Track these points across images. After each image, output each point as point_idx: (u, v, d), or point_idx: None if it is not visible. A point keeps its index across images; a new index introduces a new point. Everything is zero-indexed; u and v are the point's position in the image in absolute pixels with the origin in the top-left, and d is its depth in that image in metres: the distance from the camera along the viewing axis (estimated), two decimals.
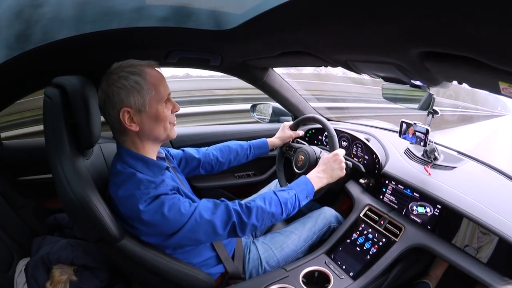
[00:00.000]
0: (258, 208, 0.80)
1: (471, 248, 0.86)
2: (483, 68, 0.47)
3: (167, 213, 0.72)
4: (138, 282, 0.97)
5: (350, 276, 0.94)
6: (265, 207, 0.80)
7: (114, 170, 0.78)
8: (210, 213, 0.76)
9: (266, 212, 0.81)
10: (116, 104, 0.72)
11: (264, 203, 0.81)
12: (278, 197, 0.84)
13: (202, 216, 0.75)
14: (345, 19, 0.54)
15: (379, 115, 3.89)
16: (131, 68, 0.73)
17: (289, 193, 0.86)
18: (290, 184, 0.92)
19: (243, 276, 0.97)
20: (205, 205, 0.78)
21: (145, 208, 0.71)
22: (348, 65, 0.84)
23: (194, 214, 0.75)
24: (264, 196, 0.84)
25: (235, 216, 0.77)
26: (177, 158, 1.06)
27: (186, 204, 0.75)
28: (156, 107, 0.75)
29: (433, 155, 1.09)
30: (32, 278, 0.89)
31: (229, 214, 0.77)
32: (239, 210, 0.78)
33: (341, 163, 0.97)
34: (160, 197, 0.73)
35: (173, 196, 0.75)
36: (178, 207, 0.74)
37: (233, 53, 1.04)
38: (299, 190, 0.88)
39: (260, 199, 0.82)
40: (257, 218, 0.79)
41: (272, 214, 0.82)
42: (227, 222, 0.77)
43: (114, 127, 0.77)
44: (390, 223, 1.03)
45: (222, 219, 0.76)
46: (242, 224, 0.78)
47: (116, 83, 0.72)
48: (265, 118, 1.62)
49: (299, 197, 0.87)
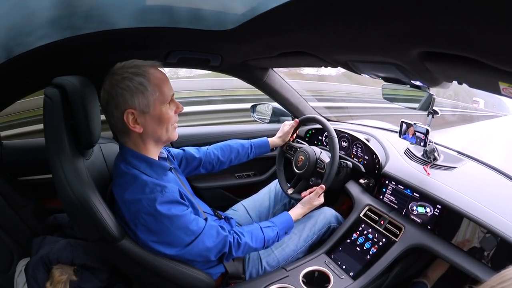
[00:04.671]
0: (246, 245, 0.88)
1: (471, 248, 0.86)
2: (483, 68, 0.47)
3: (174, 229, 0.75)
4: (138, 282, 0.97)
5: (350, 276, 0.94)
6: (251, 245, 0.89)
7: (118, 170, 0.78)
8: (211, 241, 0.81)
9: (251, 248, 0.90)
10: (120, 105, 0.72)
11: (251, 240, 0.89)
12: (264, 234, 0.92)
13: (203, 242, 0.79)
14: (345, 20, 0.54)
15: (379, 115, 3.89)
16: (135, 69, 0.73)
17: (273, 231, 0.95)
18: (274, 219, 1.00)
19: (243, 276, 0.97)
20: (210, 232, 0.81)
21: (151, 216, 0.72)
22: (348, 65, 0.84)
23: (198, 238, 0.78)
24: (252, 232, 0.91)
25: (227, 248, 0.84)
26: (178, 158, 1.05)
27: (194, 223, 0.78)
28: (160, 108, 0.75)
29: (433, 155, 1.09)
30: (32, 278, 0.89)
31: (224, 245, 0.83)
32: (232, 244, 0.85)
33: (320, 197, 1.07)
34: (169, 207, 0.73)
35: (184, 210, 0.76)
36: (186, 225, 0.76)
37: (233, 53, 1.04)
38: (281, 228, 0.97)
39: (248, 235, 0.90)
40: (242, 252, 0.89)
41: (255, 249, 0.92)
42: (220, 251, 0.84)
43: (117, 127, 0.77)
44: (390, 223, 1.03)
45: (217, 248, 0.83)
46: (229, 255, 0.86)
47: (120, 84, 0.71)
48: (265, 118, 1.62)
49: (280, 235, 0.96)
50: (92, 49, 0.86)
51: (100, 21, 0.74)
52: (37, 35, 0.74)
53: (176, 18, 0.77)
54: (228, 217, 1.04)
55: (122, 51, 0.91)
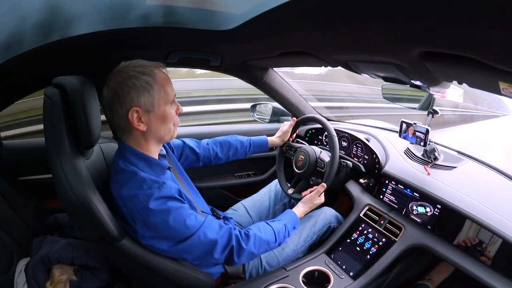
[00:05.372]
0: (256, 236, 0.84)
1: (471, 248, 0.86)
2: (483, 68, 0.47)
3: (171, 223, 0.73)
4: (138, 282, 0.97)
5: (350, 276, 0.94)
6: (261, 235, 0.85)
7: (116, 167, 0.78)
8: (214, 233, 0.78)
9: (263, 240, 0.85)
10: (125, 103, 0.72)
11: (259, 231, 0.86)
12: (271, 227, 0.89)
13: (205, 235, 0.77)
14: (345, 20, 0.54)
15: (379, 115, 3.89)
16: (141, 68, 0.74)
17: (280, 224, 0.92)
18: (279, 216, 0.98)
19: (243, 276, 0.97)
20: (211, 225, 0.79)
21: (148, 210, 0.72)
22: (348, 65, 0.84)
23: (198, 230, 0.76)
24: (258, 226, 0.89)
25: (234, 240, 0.80)
26: (178, 150, 1.07)
27: (192, 217, 0.76)
28: (164, 107, 0.76)
29: (433, 155, 1.09)
30: (32, 278, 0.89)
31: (230, 238, 0.80)
32: (239, 236, 0.81)
33: (321, 196, 1.06)
34: (165, 201, 0.73)
35: (180, 205, 0.75)
36: (183, 218, 0.75)
37: (233, 53, 1.04)
38: (288, 221, 0.95)
39: (255, 228, 0.87)
40: (254, 245, 0.83)
41: (267, 241, 0.87)
42: (226, 245, 0.79)
43: (120, 125, 0.77)
44: (390, 223, 1.03)
45: (222, 242, 0.79)
46: (240, 250, 0.81)
47: (126, 82, 0.72)
48: (265, 118, 1.62)
49: (288, 228, 0.93)
50: (92, 49, 0.86)
51: (100, 21, 0.74)
52: (38, 34, 0.75)
53: (176, 18, 0.77)
54: (227, 217, 1.04)
55: (122, 51, 0.91)
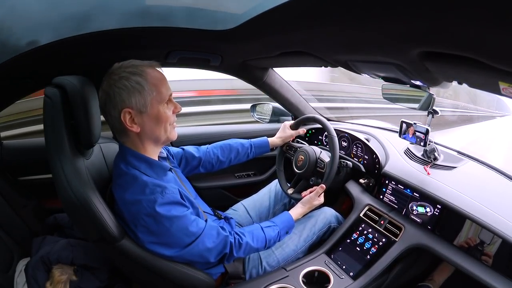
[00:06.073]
0: (247, 245, 0.87)
1: (471, 248, 0.86)
2: (483, 68, 0.47)
3: (174, 230, 0.74)
4: (138, 282, 0.97)
5: (350, 276, 0.94)
6: (252, 245, 0.88)
7: (118, 170, 0.78)
8: (211, 242, 0.80)
9: (253, 248, 0.89)
10: (117, 104, 0.72)
11: (252, 240, 0.89)
12: (265, 234, 0.92)
13: (204, 243, 0.79)
14: (345, 20, 0.54)
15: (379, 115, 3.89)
16: (132, 68, 0.73)
17: (274, 230, 0.94)
18: (275, 219, 0.99)
19: (243, 276, 0.97)
20: (210, 233, 0.81)
21: (151, 217, 0.72)
22: (348, 65, 0.84)
23: (198, 239, 0.78)
24: (253, 232, 0.91)
25: (228, 248, 0.83)
26: (177, 157, 1.05)
27: (194, 224, 0.78)
28: (158, 107, 0.75)
29: (433, 155, 1.09)
30: (32, 278, 0.89)
31: (225, 246, 0.83)
32: (233, 244, 0.84)
33: (321, 196, 1.06)
34: (169, 208, 0.73)
35: (184, 211, 0.76)
36: (186, 226, 0.76)
37: (233, 53, 1.04)
38: (282, 227, 0.97)
39: (249, 235, 0.89)
40: (244, 253, 0.88)
41: (256, 249, 0.91)
42: (221, 252, 0.83)
43: (115, 127, 0.77)
44: (390, 223, 1.03)
45: (218, 249, 0.82)
46: (230, 256, 0.85)
47: (117, 84, 0.72)
48: (265, 118, 1.62)
49: (281, 234, 0.96)
50: (92, 49, 0.86)
51: (100, 21, 0.74)
52: (35, 35, 0.75)
53: (176, 18, 0.77)
54: (228, 217, 1.04)
55: (122, 51, 0.91)
